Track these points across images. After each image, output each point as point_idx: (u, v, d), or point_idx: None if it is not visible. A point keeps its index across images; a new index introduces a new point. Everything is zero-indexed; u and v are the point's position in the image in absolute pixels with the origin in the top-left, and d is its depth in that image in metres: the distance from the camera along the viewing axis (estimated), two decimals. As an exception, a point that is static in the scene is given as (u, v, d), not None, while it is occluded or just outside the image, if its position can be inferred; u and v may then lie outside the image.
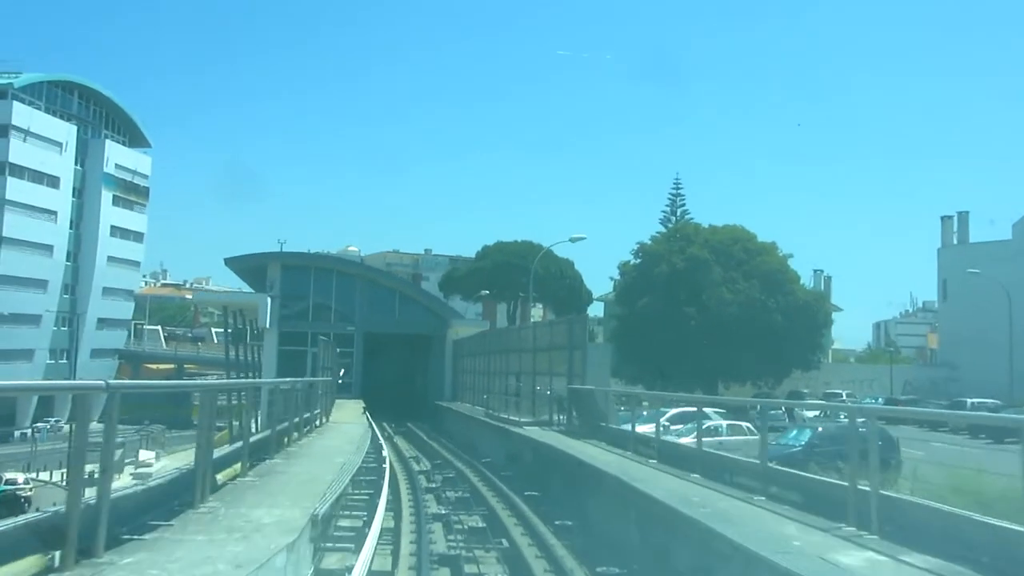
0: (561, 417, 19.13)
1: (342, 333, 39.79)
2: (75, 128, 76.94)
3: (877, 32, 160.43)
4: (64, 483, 30.53)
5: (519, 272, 63.49)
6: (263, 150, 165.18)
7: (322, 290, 42.41)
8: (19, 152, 69.52)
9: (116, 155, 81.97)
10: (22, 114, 69.99)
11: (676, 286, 44.30)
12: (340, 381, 32.34)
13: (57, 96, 76.40)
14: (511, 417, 22.28)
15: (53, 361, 74.66)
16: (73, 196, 77.14)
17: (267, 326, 39.59)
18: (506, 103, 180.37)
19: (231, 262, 43.31)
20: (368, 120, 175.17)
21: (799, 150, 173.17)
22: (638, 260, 48.42)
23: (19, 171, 69.64)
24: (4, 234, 67.80)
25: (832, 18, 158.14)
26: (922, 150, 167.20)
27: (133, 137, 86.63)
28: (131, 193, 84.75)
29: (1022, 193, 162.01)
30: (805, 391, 49.64)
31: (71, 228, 77.05)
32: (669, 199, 63.58)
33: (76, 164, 77.38)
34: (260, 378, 34.17)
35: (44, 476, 42.76)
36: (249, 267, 43.83)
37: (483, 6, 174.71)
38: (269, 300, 39.30)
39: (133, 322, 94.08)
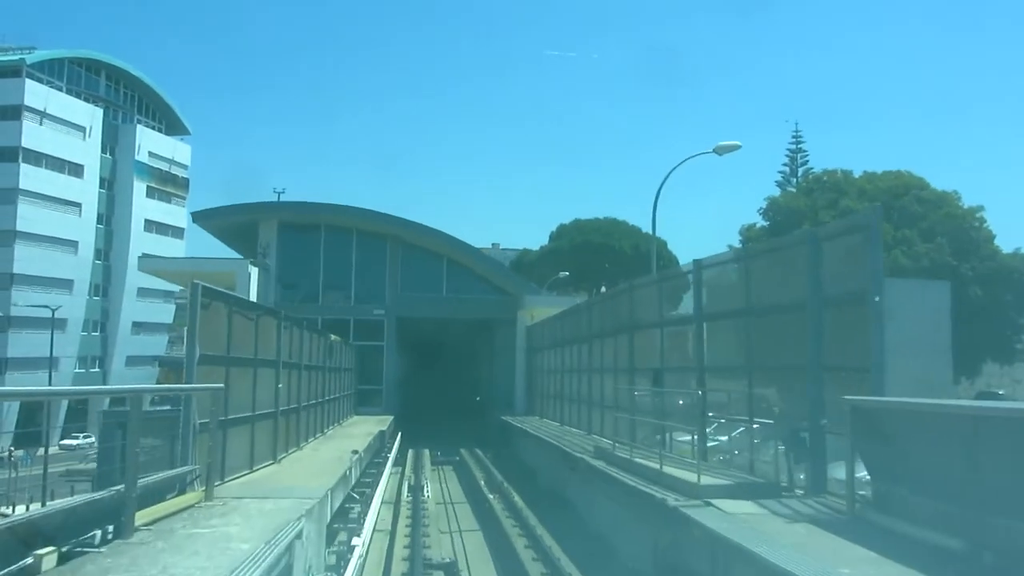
0: (795, 476, 7.80)
1: (367, 319, 28.76)
2: (101, 111, 69.38)
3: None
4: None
5: (602, 253, 52.63)
6: (313, 154, 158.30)
7: (337, 257, 30.53)
8: (34, 136, 62.05)
9: (150, 142, 74.48)
10: (37, 94, 62.45)
11: (826, 251, 32.29)
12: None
13: (80, 76, 68.99)
14: (667, 470, 10.50)
15: (83, 370, 67.15)
16: (101, 187, 69.68)
17: (251, 309, 28.31)
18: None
19: (201, 217, 31.27)
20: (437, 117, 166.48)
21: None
22: (767, 222, 36.50)
23: (35, 157, 62.19)
24: (18, 228, 60.40)
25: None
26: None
27: (170, 123, 79.17)
28: (168, 184, 77.15)
29: None
30: (1000, 392, 37.02)
31: (99, 223, 69.52)
32: (787, 155, 52.62)
33: (103, 152, 69.94)
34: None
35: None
36: (231, 226, 31.52)
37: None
38: (254, 270, 26.87)
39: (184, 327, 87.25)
